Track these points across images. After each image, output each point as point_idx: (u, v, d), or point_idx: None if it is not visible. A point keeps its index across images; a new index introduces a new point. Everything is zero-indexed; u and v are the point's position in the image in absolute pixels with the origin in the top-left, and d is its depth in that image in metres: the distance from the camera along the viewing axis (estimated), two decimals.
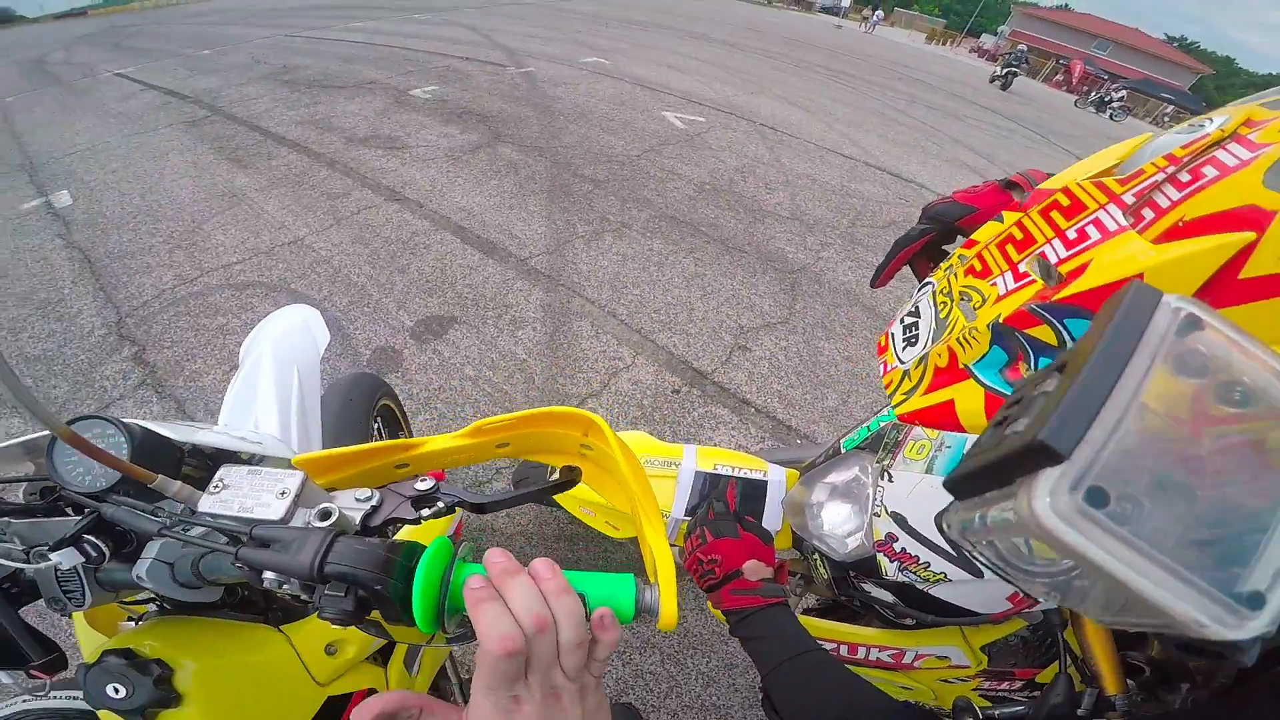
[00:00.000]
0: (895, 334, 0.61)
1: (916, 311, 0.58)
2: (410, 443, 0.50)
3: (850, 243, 3.38)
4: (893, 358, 0.59)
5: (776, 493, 0.84)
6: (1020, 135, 8.63)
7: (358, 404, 1.22)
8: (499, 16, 9.89)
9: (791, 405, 2.23)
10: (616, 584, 0.38)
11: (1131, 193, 0.43)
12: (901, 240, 0.70)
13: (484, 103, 4.88)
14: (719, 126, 5.00)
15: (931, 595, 0.63)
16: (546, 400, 2.07)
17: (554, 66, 6.33)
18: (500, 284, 2.61)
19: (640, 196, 3.52)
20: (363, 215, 3.07)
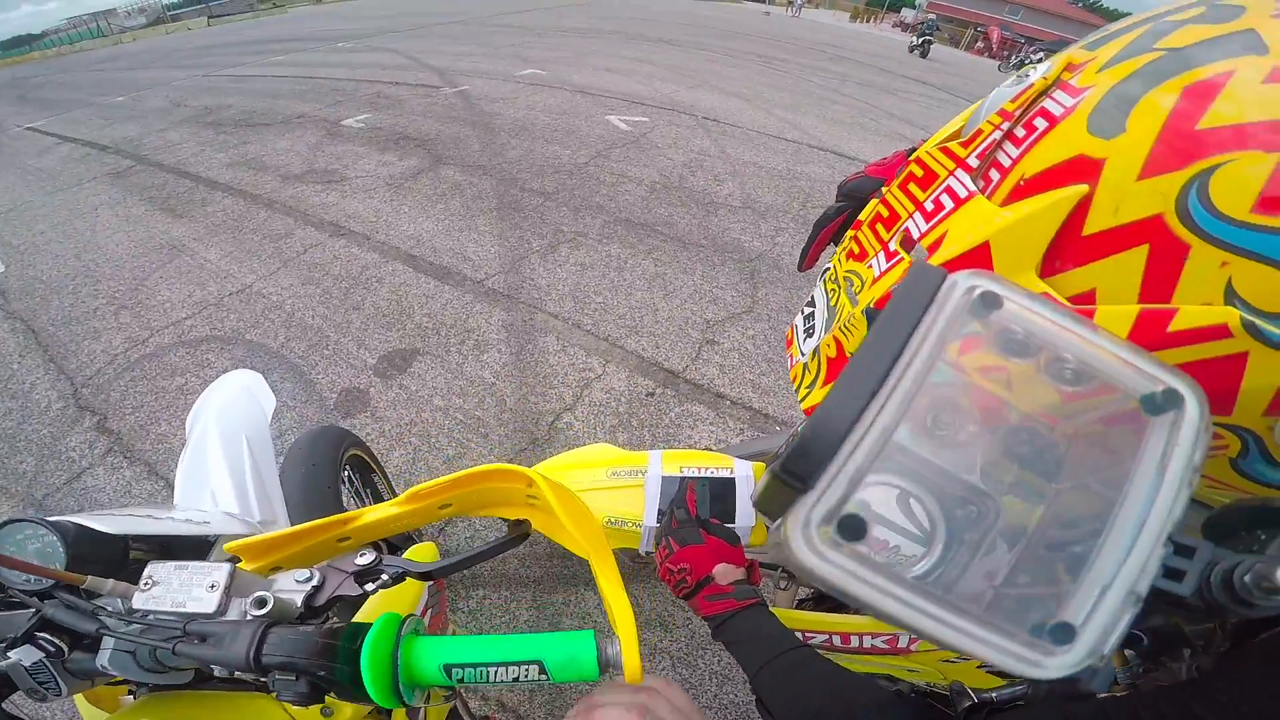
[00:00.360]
0: (798, 326, 0.60)
1: (812, 301, 0.58)
2: (348, 516, 0.49)
3: (803, 225, 3.44)
4: (796, 351, 0.59)
5: (745, 489, 0.83)
6: (952, 104, 8.93)
7: (323, 463, 1.18)
8: (426, 38, 9.74)
9: (766, 393, 2.25)
10: (576, 643, 0.38)
11: (974, 155, 0.41)
12: (820, 220, 0.70)
13: (420, 126, 4.80)
14: (663, 124, 5.02)
15: None
16: (520, 421, 2.05)
17: (489, 83, 6.27)
18: (459, 309, 2.56)
19: (592, 203, 3.51)
20: (309, 254, 2.98)
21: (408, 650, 0.38)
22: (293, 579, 0.44)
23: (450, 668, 0.38)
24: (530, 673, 0.39)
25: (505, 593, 1.56)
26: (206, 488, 0.88)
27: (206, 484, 0.89)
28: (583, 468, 0.90)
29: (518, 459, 1.91)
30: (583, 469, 0.90)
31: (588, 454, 0.94)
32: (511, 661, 0.38)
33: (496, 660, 0.38)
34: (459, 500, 0.50)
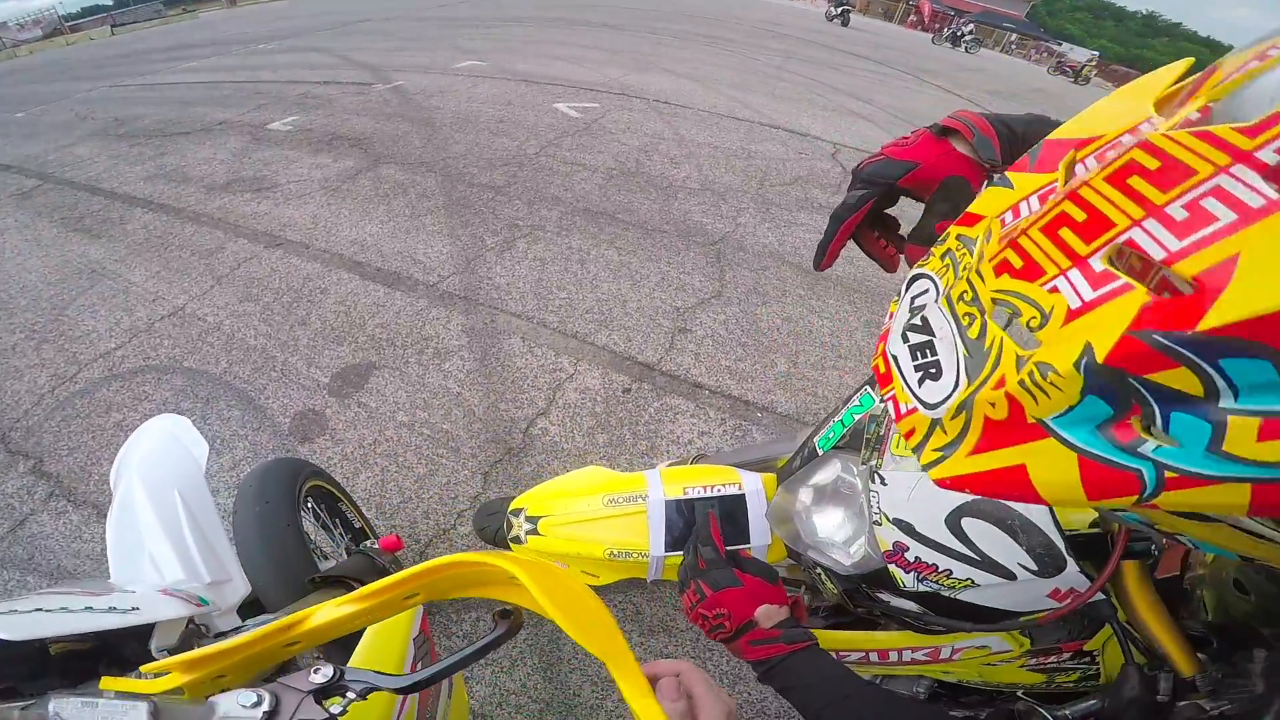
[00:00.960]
0: (899, 357, 0.46)
1: (925, 326, 0.44)
2: (291, 621, 0.43)
3: (763, 204, 3.39)
4: (906, 396, 0.45)
5: (757, 505, 0.78)
6: (893, 77, 9.08)
7: (277, 500, 1.07)
8: (354, 36, 9.28)
9: (743, 379, 2.19)
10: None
11: (1273, 148, 0.29)
12: (839, 213, 0.60)
13: (354, 125, 4.54)
14: (614, 109, 4.91)
15: (961, 601, 0.57)
16: (492, 431, 1.93)
17: (426, 77, 6.00)
18: (414, 316, 2.41)
19: (547, 194, 3.37)
20: (244, 269, 2.76)
21: None
22: (237, 703, 0.37)
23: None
24: None
25: None
26: (144, 554, 0.80)
27: (143, 550, 0.80)
28: (576, 496, 0.82)
29: (493, 472, 1.79)
30: (576, 497, 0.82)
31: (579, 479, 0.87)
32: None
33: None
34: (425, 588, 0.43)
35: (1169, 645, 0.51)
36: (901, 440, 0.57)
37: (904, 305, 0.49)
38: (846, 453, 0.67)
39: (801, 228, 3.23)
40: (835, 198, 3.72)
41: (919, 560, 0.56)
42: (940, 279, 0.45)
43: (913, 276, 0.49)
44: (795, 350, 2.37)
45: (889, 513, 0.58)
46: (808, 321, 2.53)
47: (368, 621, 0.44)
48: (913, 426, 0.44)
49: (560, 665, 1.38)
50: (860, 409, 0.68)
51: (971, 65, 13.27)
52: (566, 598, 0.39)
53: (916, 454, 0.43)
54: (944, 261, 0.46)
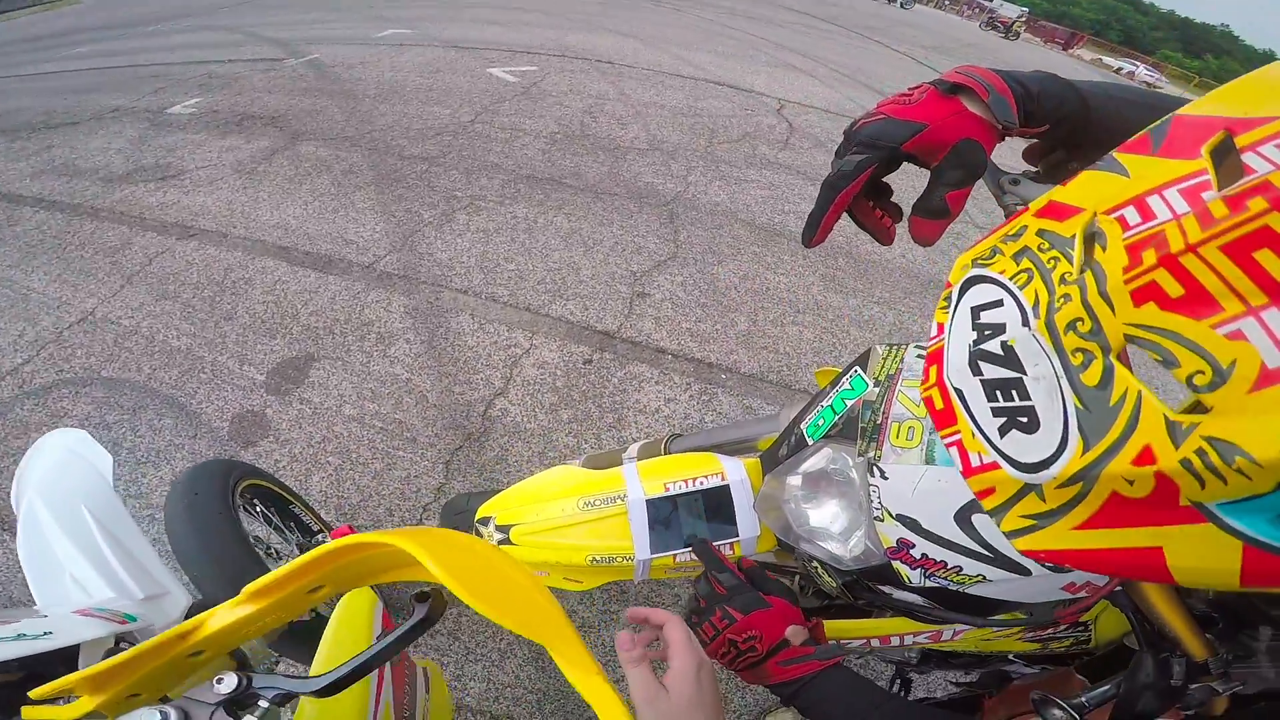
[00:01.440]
0: (967, 394, 0.37)
1: (1010, 357, 0.34)
2: (188, 627, 0.40)
3: (713, 162, 3.34)
4: (981, 447, 0.36)
5: (743, 495, 0.74)
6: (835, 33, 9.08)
7: (207, 496, 1.02)
8: (259, 10, 8.59)
9: (705, 340, 2.16)
10: None
11: None
12: (834, 181, 0.53)
13: (265, 103, 4.21)
14: (554, 71, 4.72)
15: (971, 594, 0.54)
16: (449, 417, 1.83)
17: (344, 48, 5.62)
18: (350, 301, 2.26)
19: (486, 162, 3.22)
20: (156, 265, 2.53)
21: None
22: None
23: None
24: None
25: None
26: (64, 576, 0.76)
27: (62, 572, 0.76)
28: (548, 501, 0.77)
29: (454, 460, 1.71)
30: (549, 502, 0.77)
31: (549, 481, 0.81)
32: None
33: None
34: (330, 578, 0.40)
35: (1181, 630, 0.50)
36: (902, 431, 0.55)
37: (962, 319, 0.39)
38: (839, 442, 0.62)
39: (752, 184, 3.20)
40: (784, 154, 3.70)
41: (926, 557, 0.53)
42: (1021, 290, 0.35)
43: (972, 278, 0.40)
44: (754, 308, 2.35)
45: (891, 508, 0.54)
46: (764, 278, 2.51)
47: (274, 622, 0.40)
48: (992, 486, 0.35)
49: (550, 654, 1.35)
50: (852, 394, 0.63)
51: (908, 21, 13.43)
52: (484, 575, 0.35)
53: (995, 518, 0.35)
54: (1021, 264, 0.36)
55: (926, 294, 2.59)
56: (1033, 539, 0.33)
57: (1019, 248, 0.37)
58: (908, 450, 0.54)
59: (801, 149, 3.80)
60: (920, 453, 0.53)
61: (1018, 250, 0.37)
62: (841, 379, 0.65)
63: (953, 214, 0.50)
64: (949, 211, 0.50)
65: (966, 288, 0.40)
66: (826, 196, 0.53)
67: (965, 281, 0.41)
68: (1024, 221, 0.39)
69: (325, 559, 0.37)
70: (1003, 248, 0.39)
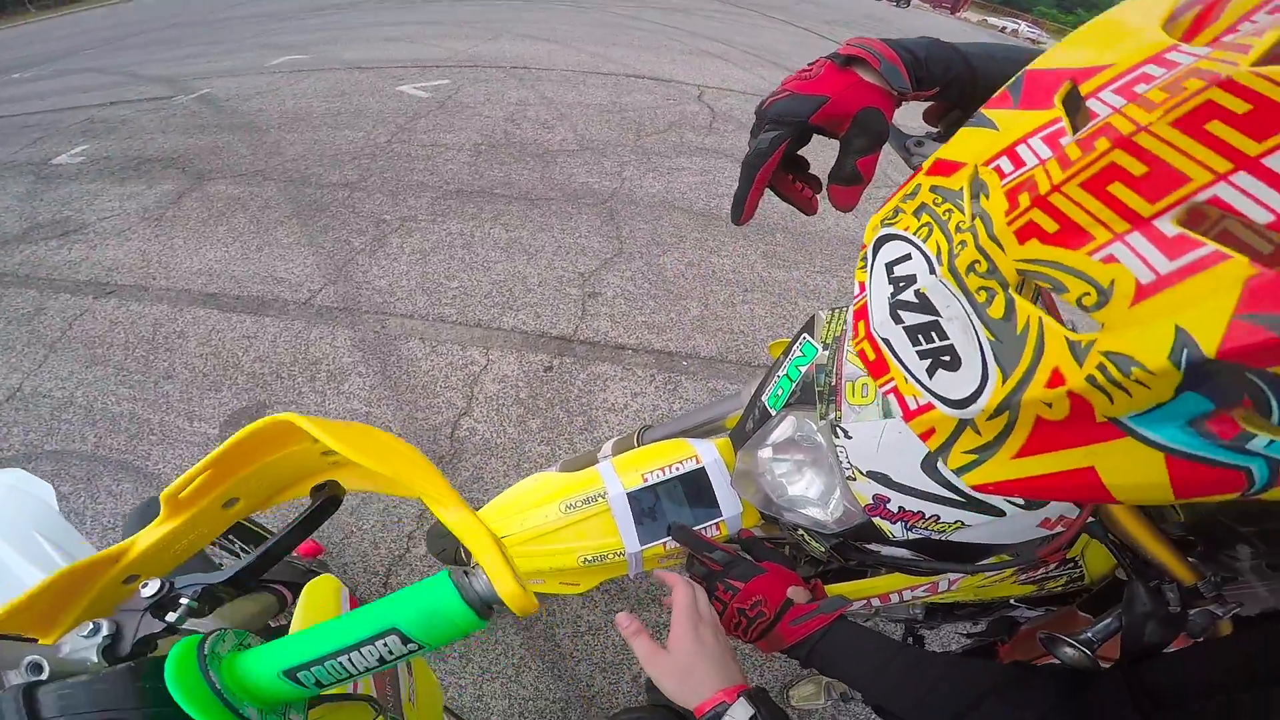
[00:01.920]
0: (893, 341, 0.40)
1: (924, 303, 0.38)
2: (118, 550, 0.44)
3: (644, 155, 3.40)
4: (914, 389, 0.39)
5: (719, 474, 0.76)
6: (741, 15, 9.33)
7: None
8: (132, 49, 8.07)
9: (661, 331, 2.22)
10: (430, 592, 0.35)
11: None
12: (751, 160, 0.55)
13: (161, 144, 3.98)
14: (469, 83, 4.66)
15: (954, 542, 0.57)
16: (416, 444, 1.82)
17: (236, 80, 5.36)
18: (293, 341, 2.19)
19: (411, 182, 3.16)
20: (78, 329, 2.37)
21: (233, 668, 0.35)
22: (78, 636, 0.39)
23: (294, 672, 0.35)
24: (392, 646, 0.35)
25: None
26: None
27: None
28: (530, 510, 0.78)
29: None
30: (530, 511, 0.78)
31: (528, 490, 0.82)
32: (362, 641, 0.35)
33: (343, 646, 0.35)
34: (242, 489, 0.44)
35: (1164, 557, 0.52)
36: (856, 390, 0.57)
37: (879, 275, 0.42)
38: (800, 409, 0.63)
39: (684, 172, 3.28)
40: (710, 139, 3.80)
41: (903, 510, 0.55)
42: (924, 243, 0.39)
43: (882, 238, 0.43)
44: (704, 292, 2.42)
45: (860, 466, 0.56)
46: (710, 263, 2.59)
47: (202, 540, 0.45)
48: (931, 426, 0.37)
49: (565, 660, 1.37)
50: (804, 360, 0.64)
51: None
52: (367, 444, 0.39)
53: (940, 456, 0.38)
54: (921, 219, 0.40)
55: None
56: (978, 473, 0.35)
57: (917, 204, 0.41)
58: (864, 407, 0.56)
59: (726, 132, 3.91)
60: (877, 408, 0.55)
61: (916, 207, 0.41)
62: (792, 348, 0.67)
63: (865, 179, 0.53)
64: (861, 177, 0.53)
65: (879, 246, 0.43)
66: (747, 175, 0.56)
67: (877, 241, 0.43)
68: (918, 181, 0.42)
69: (232, 460, 0.41)
70: (904, 206, 0.43)
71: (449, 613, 0.35)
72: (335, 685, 0.36)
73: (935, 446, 0.38)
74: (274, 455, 0.42)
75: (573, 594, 0.88)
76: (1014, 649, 0.87)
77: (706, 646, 0.56)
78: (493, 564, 0.34)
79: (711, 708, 0.52)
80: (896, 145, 0.58)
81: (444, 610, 0.35)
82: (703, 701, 0.53)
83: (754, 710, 0.51)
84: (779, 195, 0.61)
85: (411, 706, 0.71)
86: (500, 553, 0.35)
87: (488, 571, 0.34)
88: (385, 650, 0.35)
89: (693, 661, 0.55)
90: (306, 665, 0.35)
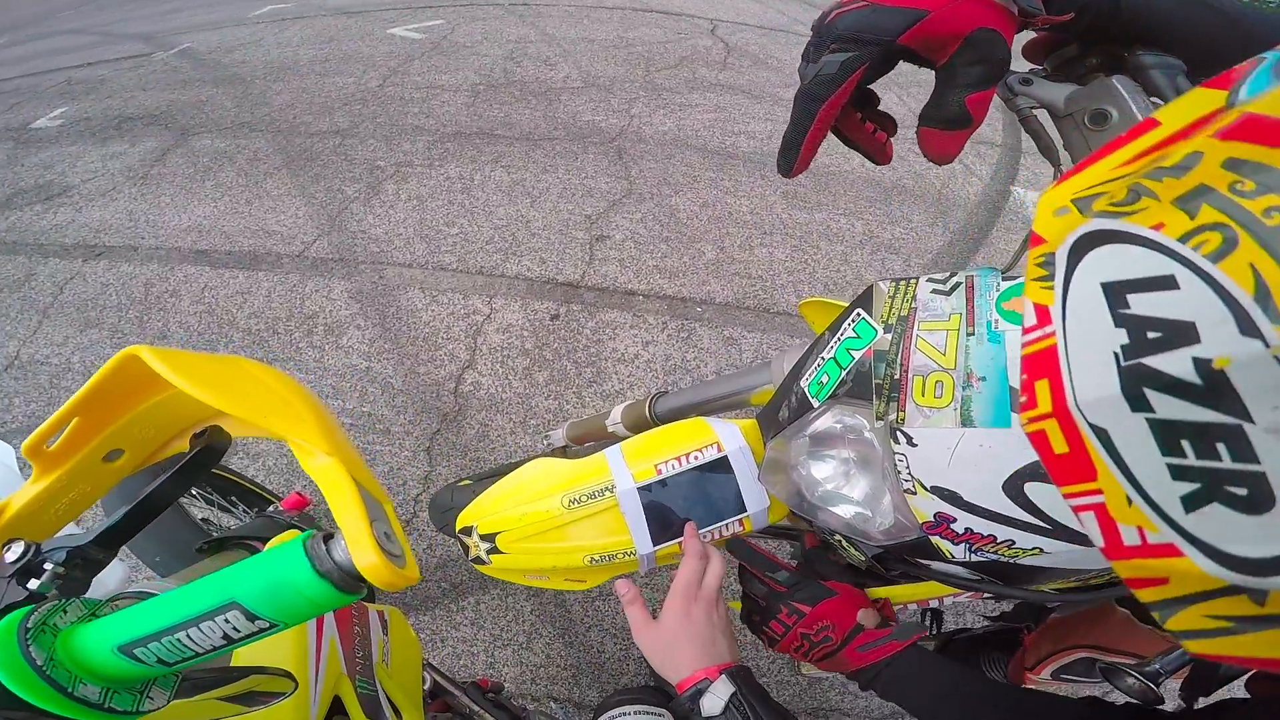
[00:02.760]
0: (1114, 435, 0.26)
1: (1210, 384, 0.22)
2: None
3: (653, 91, 3.27)
4: (1137, 514, 0.26)
5: (744, 464, 0.68)
6: None
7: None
8: (108, 8, 7.86)
9: (674, 275, 2.15)
10: (278, 561, 0.31)
11: None
12: (814, 89, 0.43)
13: (142, 102, 3.92)
14: (464, 21, 4.50)
15: (1021, 565, 0.49)
16: (419, 401, 1.79)
17: (217, 33, 5.23)
18: (288, 295, 2.16)
19: (406, 126, 3.07)
20: (70, 293, 2.36)
21: (68, 644, 0.32)
22: None
23: (129, 648, 0.32)
24: (237, 623, 0.31)
25: (496, 589, 1.42)
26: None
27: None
28: (531, 502, 0.72)
29: (435, 445, 1.69)
30: (530, 504, 0.72)
31: (527, 480, 0.76)
32: (198, 617, 0.31)
33: (178, 621, 0.31)
34: (124, 440, 0.41)
35: None
36: (928, 387, 0.46)
37: (1088, 302, 0.26)
38: (851, 404, 0.53)
39: (697, 108, 3.14)
40: (725, 74, 3.62)
41: (970, 531, 0.47)
42: (1217, 266, 0.22)
43: (1093, 234, 0.27)
44: (720, 235, 2.34)
45: (924, 480, 0.47)
46: (725, 203, 2.49)
47: (85, 499, 0.42)
48: (1163, 575, 0.25)
49: (576, 627, 1.37)
50: (858, 342, 0.53)
51: None
52: (234, 383, 0.37)
53: (1157, 612, 0.27)
54: (1201, 216, 0.23)
55: (891, 201, 2.61)
56: (1224, 643, 0.24)
57: (1191, 187, 0.24)
58: (937, 410, 0.46)
59: (741, 68, 3.74)
60: (954, 412, 0.45)
61: (1189, 191, 0.24)
62: (843, 324, 0.56)
63: (975, 121, 0.43)
64: (971, 118, 0.42)
65: (1084, 250, 0.26)
66: (805, 111, 0.45)
67: (1081, 239, 0.27)
68: (1194, 146, 0.25)
69: (87, 401, 0.38)
70: (1155, 188, 0.25)
71: (299, 586, 0.30)
72: (186, 664, 0.33)
73: (1154, 599, 0.26)
74: (152, 399, 0.39)
75: (578, 590, 0.84)
76: (1043, 639, 0.84)
77: (695, 623, 0.56)
78: (352, 526, 0.30)
79: (692, 685, 0.53)
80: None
81: (293, 582, 0.30)
82: (683, 678, 0.54)
83: (735, 688, 0.51)
84: (843, 139, 0.51)
85: (385, 668, 0.70)
86: (363, 512, 0.30)
87: (345, 536, 0.30)
88: (229, 627, 0.31)
89: (678, 637, 0.56)
90: (142, 641, 0.32)
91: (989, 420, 0.43)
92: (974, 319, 0.46)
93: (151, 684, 0.35)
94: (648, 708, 0.70)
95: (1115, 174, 0.28)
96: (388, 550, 0.30)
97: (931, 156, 0.45)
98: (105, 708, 0.32)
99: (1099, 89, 0.47)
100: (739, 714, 0.50)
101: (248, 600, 0.31)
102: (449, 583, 1.44)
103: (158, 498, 0.41)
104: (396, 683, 0.70)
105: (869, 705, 1.30)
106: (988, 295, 0.47)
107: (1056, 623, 0.83)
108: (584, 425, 1.20)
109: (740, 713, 0.50)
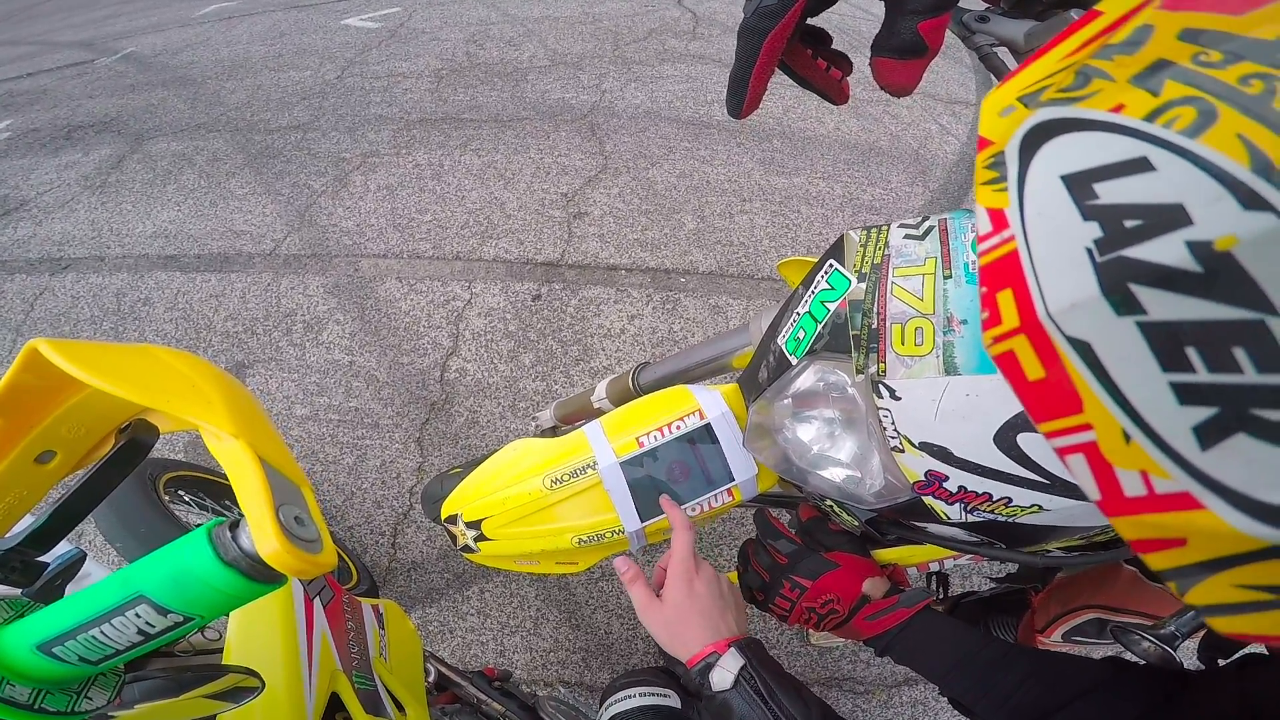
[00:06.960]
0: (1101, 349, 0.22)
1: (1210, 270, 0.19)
2: None
3: (624, 64, 3.37)
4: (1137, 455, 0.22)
5: (728, 431, 0.69)
6: None
7: (136, 510, 1.08)
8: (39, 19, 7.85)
9: (655, 247, 2.25)
10: (182, 551, 0.30)
11: None
12: (754, 24, 0.44)
13: (90, 109, 3.97)
14: (421, 6, 4.58)
15: (1021, 524, 0.49)
16: (406, 392, 1.89)
17: (161, 35, 5.28)
18: (263, 294, 2.25)
19: (369, 116, 3.17)
20: (41, 308, 2.44)
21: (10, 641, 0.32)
22: None
23: (48, 647, 0.32)
24: (148, 617, 0.31)
25: (499, 577, 1.50)
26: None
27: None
28: (511, 485, 0.74)
29: (425, 435, 1.79)
30: (511, 486, 0.73)
31: (505, 462, 0.77)
32: (109, 611, 0.31)
33: (90, 618, 0.31)
34: (53, 440, 0.39)
35: None
36: (907, 334, 0.46)
37: (1051, 196, 0.24)
38: (829, 357, 0.53)
39: (668, 80, 3.25)
40: (695, 44, 3.73)
41: (964, 490, 0.46)
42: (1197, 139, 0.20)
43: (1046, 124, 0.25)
44: (699, 204, 2.44)
45: (911, 436, 0.46)
46: (703, 173, 2.60)
47: (21, 506, 0.40)
48: (1180, 535, 0.22)
49: (581, 609, 1.45)
50: (832, 294, 0.53)
51: None
52: (130, 364, 0.35)
53: (1174, 581, 0.23)
54: (1165, 93, 0.22)
55: (869, 163, 2.72)
56: (1262, 620, 0.21)
57: (1147, 63, 0.23)
58: (918, 359, 0.45)
59: (711, 37, 3.84)
60: (936, 359, 0.44)
61: (1146, 68, 0.23)
62: (815, 277, 0.56)
63: (931, 49, 0.42)
64: (926, 47, 0.41)
65: (1036, 143, 0.25)
66: (750, 46, 0.45)
67: (1032, 131, 0.25)
68: (1142, 19, 0.24)
69: (2, 400, 0.36)
70: (1107, 68, 0.24)
71: (205, 576, 0.29)
72: (110, 662, 0.33)
73: (1172, 566, 0.23)
74: (75, 397, 0.38)
75: (572, 573, 0.86)
76: (1051, 600, 0.82)
77: (699, 598, 0.57)
78: (255, 510, 0.29)
79: (702, 659, 0.54)
80: (951, 20, 0.49)
81: (198, 573, 0.29)
82: (692, 655, 0.55)
83: (744, 660, 0.52)
84: (795, 79, 0.50)
85: (383, 662, 0.72)
86: (267, 495, 0.29)
87: (249, 521, 0.29)
88: (141, 623, 0.31)
89: (684, 613, 0.56)
90: (58, 639, 0.32)
91: (974, 366, 0.42)
92: (950, 261, 0.46)
93: (90, 684, 0.36)
94: (654, 689, 0.72)
95: (1062, 65, 0.27)
96: (297, 535, 0.29)
97: (888, 88, 0.44)
98: (36, 708, 0.32)
99: (1058, 23, 0.49)
100: (749, 686, 0.51)
101: (155, 593, 0.30)
102: (451, 573, 1.52)
103: (84, 496, 0.40)
104: (397, 676, 0.73)
105: (881, 673, 1.40)
106: (962, 237, 0.47)
107: (1064, 583, 0.81)
108: (571, 404, 1.26)
109: (750, 685, 0.51)
